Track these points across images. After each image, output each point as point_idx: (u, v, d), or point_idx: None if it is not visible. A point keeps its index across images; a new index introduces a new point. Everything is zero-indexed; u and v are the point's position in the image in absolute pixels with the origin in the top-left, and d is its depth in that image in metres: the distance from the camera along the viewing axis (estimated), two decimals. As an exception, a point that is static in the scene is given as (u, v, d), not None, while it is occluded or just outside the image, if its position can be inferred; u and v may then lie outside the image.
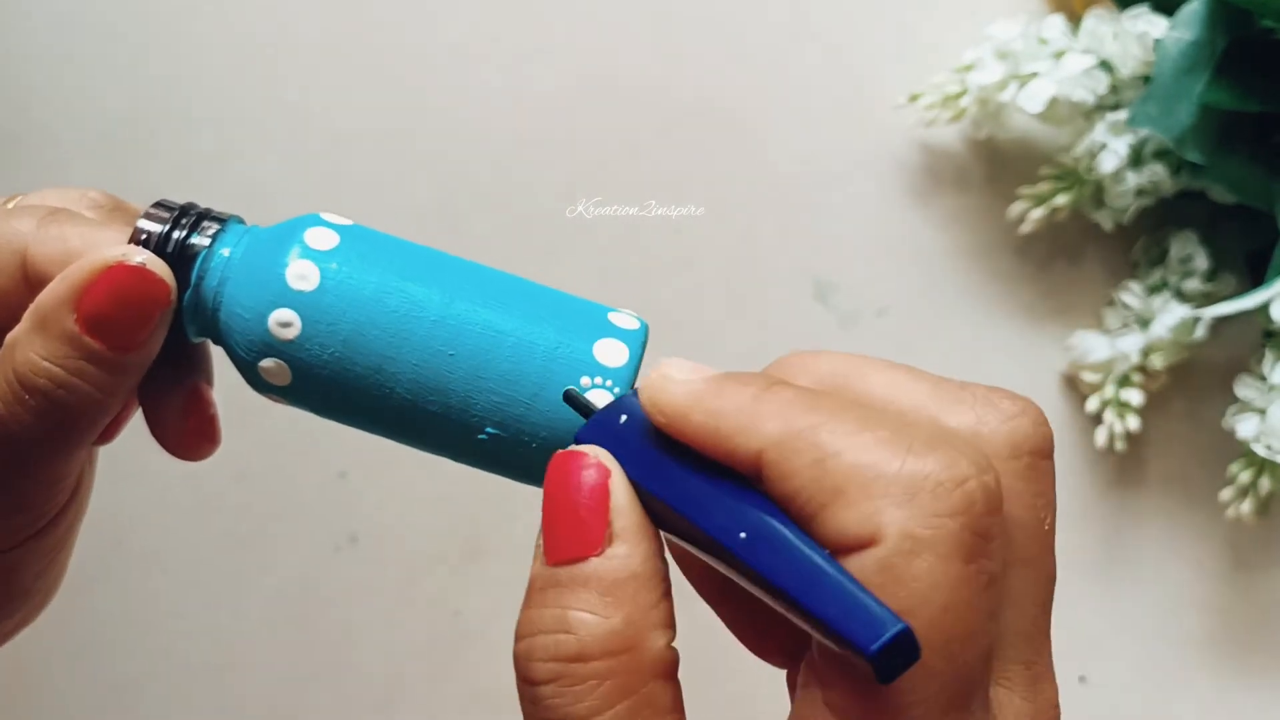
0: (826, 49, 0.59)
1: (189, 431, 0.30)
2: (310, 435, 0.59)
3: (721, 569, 0.23)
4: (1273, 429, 0.51)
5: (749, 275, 0.59)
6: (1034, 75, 0.53)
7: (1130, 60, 0.52)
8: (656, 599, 0.23)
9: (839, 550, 0.21)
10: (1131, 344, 0.55)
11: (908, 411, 0.22)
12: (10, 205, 0.29)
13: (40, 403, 0.26)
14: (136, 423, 0.61)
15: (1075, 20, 0.55)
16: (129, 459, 0.59)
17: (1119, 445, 0.55)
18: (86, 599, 0.59)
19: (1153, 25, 0.51)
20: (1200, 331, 0.54)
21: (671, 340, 0.59)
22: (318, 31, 0.60)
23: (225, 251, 0.27)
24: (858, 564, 0.20)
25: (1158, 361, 0.54)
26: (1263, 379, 0.52)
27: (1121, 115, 0.53)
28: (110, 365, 0.26)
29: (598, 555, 0.23)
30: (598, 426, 0.25)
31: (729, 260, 0.59)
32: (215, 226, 0.28)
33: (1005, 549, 0.22)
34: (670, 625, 0.23)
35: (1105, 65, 0.53)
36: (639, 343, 0.28)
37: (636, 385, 0.26)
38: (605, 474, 0.23)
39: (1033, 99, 0.53)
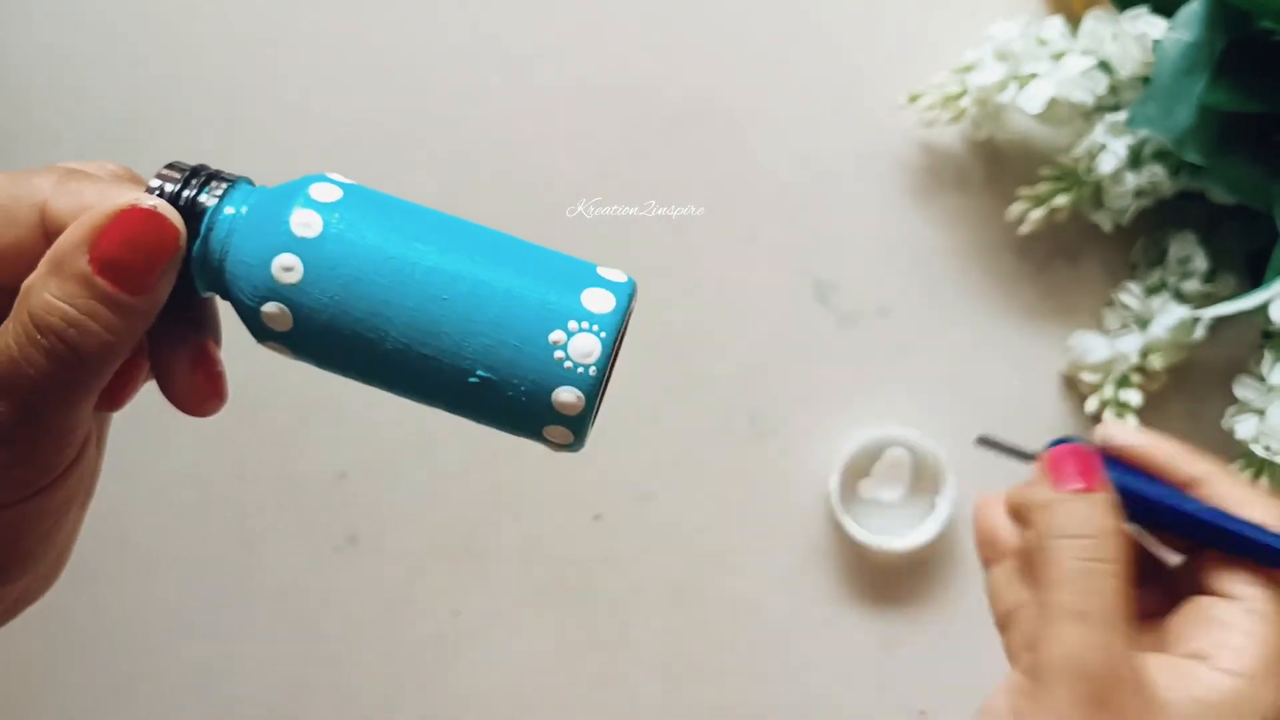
0: (826, 49, 0.59)
1: (197, 387, 0.31)
2: (310, 435, 0.59)
3: (1178, 535, 0.38)
4: (1271, 429, 0.51)
5: (749, 275, 0.59)
6: (1033, 76, 0.53)
7: (1129, 61, 0.52)
8: (1121, 522, 0.37)
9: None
10: (1130, 344, 0.55)
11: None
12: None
13: (52, 342, 0.27)
14: (136, 423, 0.61)
15: (1075, 21, 0.55)
16: (129, 459, 0.59)
17: (1118, 445, 0.55)
18: (87, 598, 0.59)
19: (1152, 26, 0.51)
20: (1199, 332, 0.54)
21: (672, 340, 0.59)
22: (317, 32, 0.60)
23: (231, 209, 0.29)
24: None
25: (1157, 362, 0.55)
26: (1261, 380, 0.52)
27: (1121, 116, 0.53)
28: (121, 308, 0.27)
29: (1097, 493, 0.36)
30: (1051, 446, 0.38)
31: (729, 260, 0.59)
32: (224, 185, 0.29)
33: None
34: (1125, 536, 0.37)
35: (1104, 66, 0.53)
36: (626, 294, 0.29)
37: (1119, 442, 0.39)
38: (1096, 454, 0.37)
39: (1032, 100, 0.53)
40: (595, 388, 0.28)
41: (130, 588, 0.59)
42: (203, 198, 0.29)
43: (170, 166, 0.29)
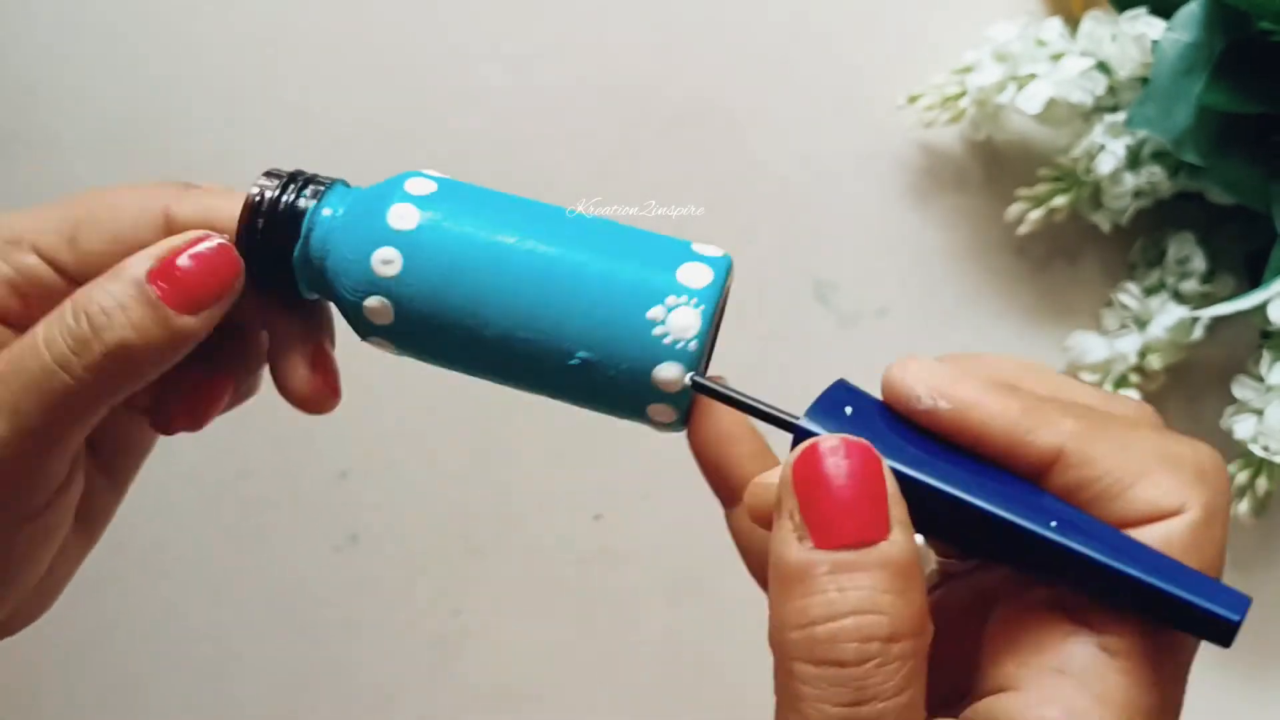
0: (826, 49, 0.59)
1: (315, 386, 0.32)
2: (310, 435, 0.59)
3: (985, 555, 0.24)
4: (1270, 429, 0.51)
5: (749, 275, 0.59)
6: (1032, 77, 0.54)
7: (1128, 62, 0.52)
8: (924, 583, 0.23)
9: (1142, 520, 0.23)
10: (1129, 345, 0.55)
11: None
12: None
13: (81, 328, 0.27)
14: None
15: (1073, 22, 0.55)
16: (129, 459, 0.59)
17: (1117, 445, 0.55)
18: (87, 599, 0.59)
19: (1150, 27, 0.52)
20: (1198, 332, 0.54)
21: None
22: (318, 32, 0.60)
23: (329, 210, 0.30)
24: (1164, 530, 0.23)
25: (1155, 362, 0.55)
26: (1260, 380, 0.52)
27: (1119, 117, 0.53)
28: (157, 315, 0.28)
29: (886, 540, 0.23)
30: (825, 418, 0.24)
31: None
32: (321, 188, 0.30)
33: None
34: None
35: (1103, 67, 0.53)
36: (724, 267, 0.30)
37: (884, 375, 0.25)
38: (879, 461, 0.23)
39: (1031, 100, 0.53)
40: (696, 362, 0.29)
41: (130, 587, 0.59)
42: (301, 201, 0.30)
43: (267, 174, 0.30)
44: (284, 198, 0.30)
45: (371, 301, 0.29)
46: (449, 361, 0.30)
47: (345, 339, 0.34)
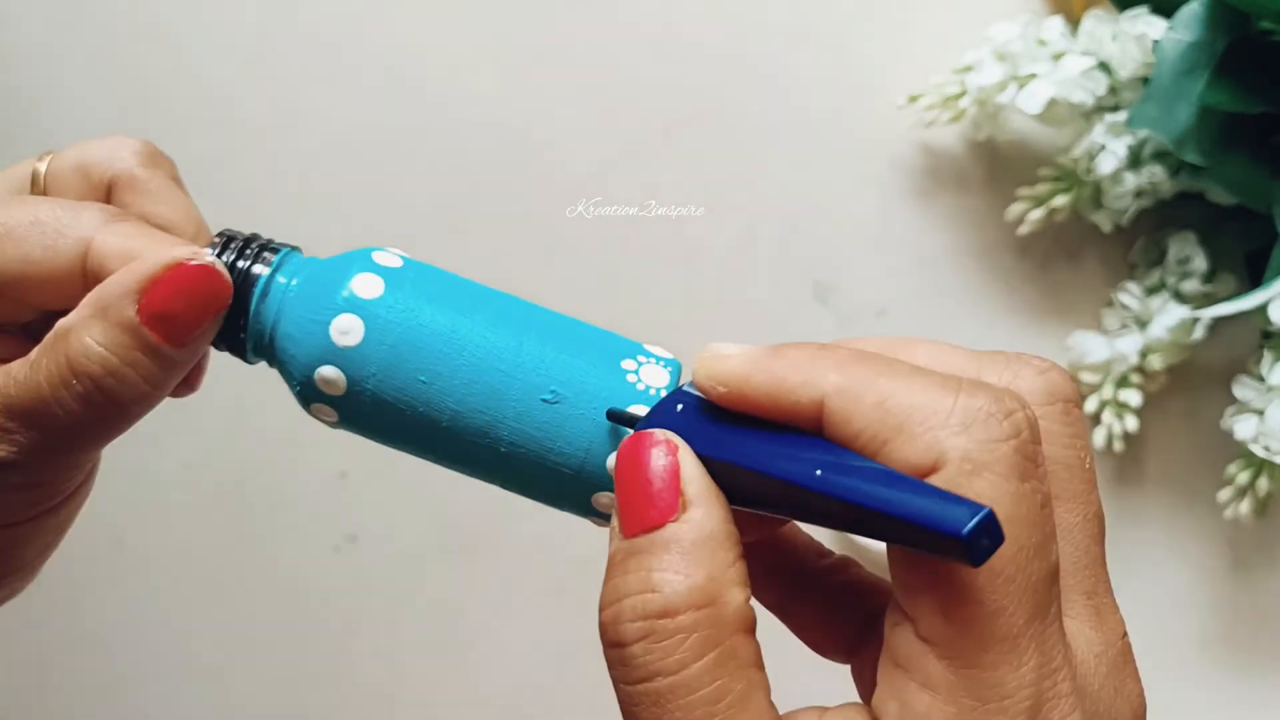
0: (826, 49, 0.59)
1: (188, 391, 0.32)
2: (310, 435, 0.59)
3: (795, 516, 0.25)
4: (1271, 430, 0.51)
5: (749, 275, 0.59)
6: (1033, 76, 0.53)
7: (1129, 62, 0.52)
8: (733, 558, 0.24)
9: None
10: (1130, 345, 0.55)
11: (953, 370, 0.24)
12: (43, 164, 0.31)
13: (88, 389, 0.27)
14: (135, 427, 0.61)
15: (1074, 22, 0.55)
16: (129, 459, 0.59)
17: (1117, 446, 0.55)
18: (87, 598, 0.59)
19: (1151, 27, 0.51)
20: (1199, 332, 0.54)
21: (672, 340, 0.59)
22: (318, 32, 0.60)
23: (284, 279, 0.29)
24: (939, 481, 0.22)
25: (1156, 362, 0.55)
26: (1261, 380, 0.52)
27: (1120, 117, 0.53)
28: (162, 359, 0.28)
29: (674, 521, 0.24)
30: (656, 416, 0.27)
31: (729, 260, 0.59)
32: (276, 255, 0.29)
33: (1049, 481, 0.24)
34: (746, 584, 0.24)
35: (1104, 67, 0.53)
36: (677, 366, 0.29)
37: (689, 378, 0.27)
38: (673, 448, 0.24)
39: (1032, 100, 0.53)
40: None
41: (130, 587, 0.59)
42: (256, 267, 0.29)
43: (221, 235, 0.29)
44: (239, 262, 0.29)
45: (325, 370, 0.28)
46: (394, 439, 0.29)
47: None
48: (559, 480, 0.28)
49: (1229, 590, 0.59)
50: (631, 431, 0.27)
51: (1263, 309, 0.51)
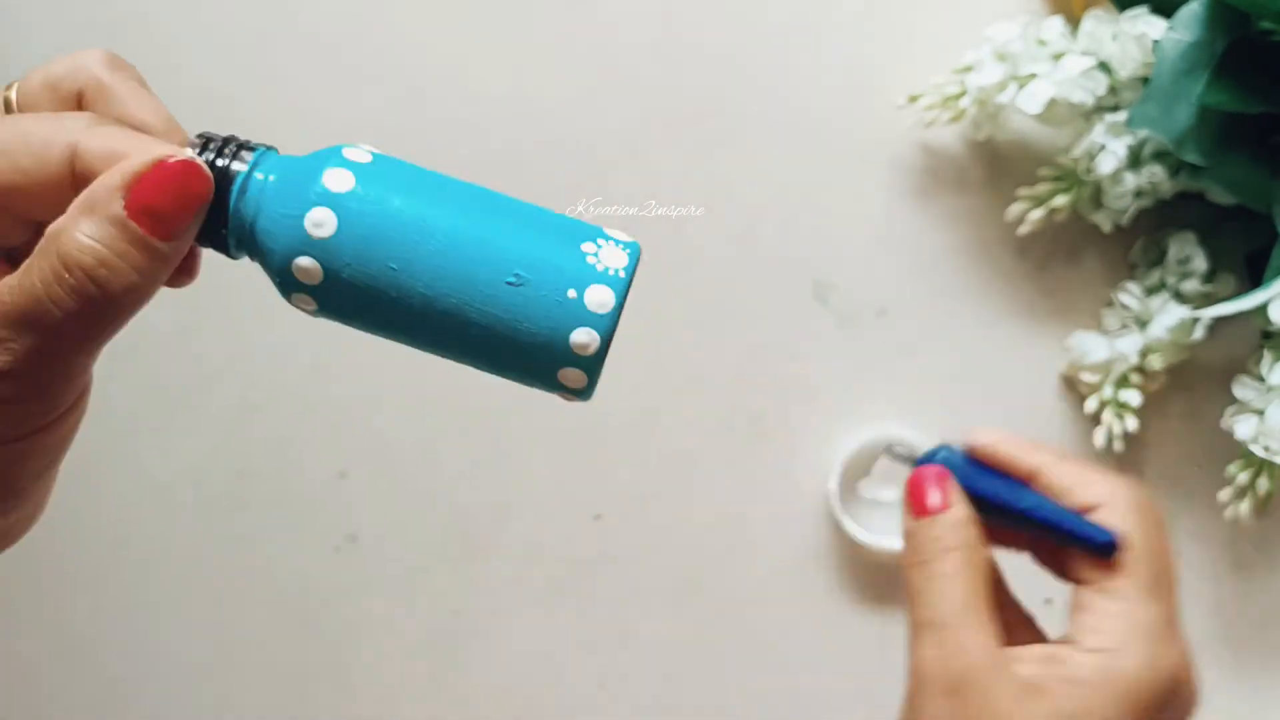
0: (826, 49, 0.59)
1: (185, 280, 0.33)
2: (310, 435, 0.59)
3: (1021, 527, 0.41)
4: (1271, 430, 0.51)
5: (749, 275, 0.59)
6: (1033, 76, 0.53)
7: (1129, 62, 0.52)
8: (977, 534, 0.40)
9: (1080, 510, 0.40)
10: (1130, 345, 0.55)
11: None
12: (11, 92, 0.32)
13: (80, 281, 0.28)
14: (135, 423, 0.61)
15: (1074, 22, 0.55)
16: (129, 459, 0.59)
17: (1117, 446, 0.55)
18: (87, 598, 0.59)
19: (1151, 27, 0.51)
20: (1198, 332, 0.54)
21: (672, 340, 0.59)
22: (318, 32, 0.60)
23: (261, 175, 0.30)
24: (1097, 516, 0.40)
25: (1156, 362, 0.55)
26: (1261, 380, 0.52)
27: (1120, 116, 0.53)
28: (150, 251, 0.29)
29: (947, 511, 0.40)
30: (930, 457, 0.42)
31: (729, 260, 0.59)
32: (253, 153, 0.31)
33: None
34: (986, 546, 0.41)
35: (1104, 67, 0.53)
36: (636, 249, 0.32)
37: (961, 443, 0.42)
38: (947, 473, 0.41)
39: (1032, 100, 0.53)
40: (623, 292, 0.30)
41: (130, 587, 0.59)
42: (235, 165, 0.30)
43: (200, 135, 0.31)
44: (218, 161, 0.30)
45: (302, 261, 0.30)
46: (369, 322, 0.31)
47: (344, 345, 0.34)
48: (527, 358, 0.30)
49: (1229, 590, 0.59)
50: (612, 298, 0.31)
51: (1262, 309, 0.51)
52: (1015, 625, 0.42)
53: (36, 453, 0.30)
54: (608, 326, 0.30)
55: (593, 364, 0.30)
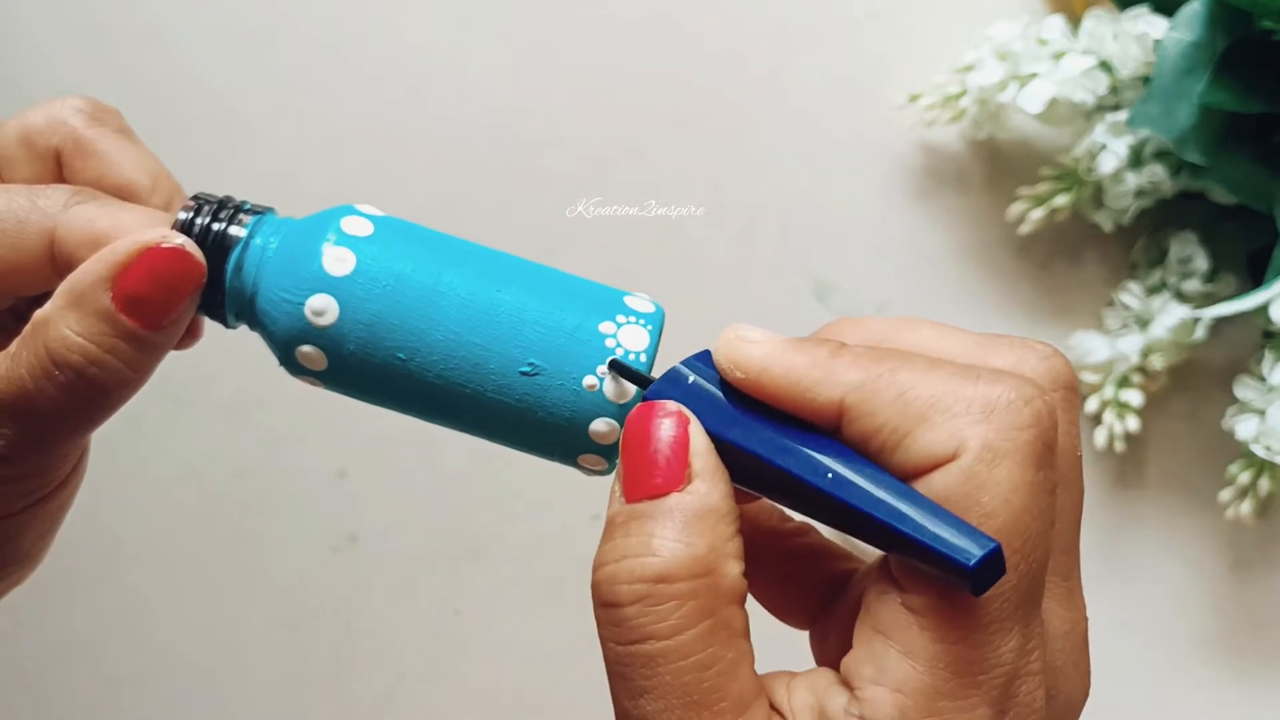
0: (827, 49, 0.59)
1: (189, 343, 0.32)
2: (310, 435, 0.59)
3: (796, 509, 0.25)
4: (1272, 430, 0.51)
5: (749, 275, 0.59)
6: (1034, 76, 0.53)
7: (1130, 61, 0.52)
8: (732, 533, 0.25)
9: (923, 469, 0.23)
10: (1131, 345, 0.55)
11: (959, 355, 0.25)
12: None
13: (70, 378, 0.27)
14: (135, 423, 0.61)
15: (1075, 21, 0.55)
16: (128, 459, 0.59)
17: (1119, 446, 0.55)
18: (86, 598, 0.59)
19: (1152, 26, 0.51)
20: (1200, 332, 0.54)
21: (672, 340, 0.59)
22: (318, 32, 0.60)
23: (260, 242, 0.28)
24: (942, 477, 0.23)
25: (1157, 362, 0.55)
26: (1262, 380, 0.52)
27: (1121, 116, 0.53)
28: (142, 343, 0.27)
29: (679, 491, 0.24)
30: (666, 385, 0.27)
31: (729, 260, 0.59)
32: (251, 218, 0.29)
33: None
34: (742, 558, 0.25)
35: (1105, 66, 0.53)
36: (658, 319, 0.30)
37: (710, 349, 0.27)
38: (685, 420, 0.25)
39: (1032, 99, 0.53)
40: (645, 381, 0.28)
41: (128, 587, 0.59)
42: (232, 230, 0.28)
43: (195, 198, 0.29)
44: (214, 225, 0.28)
45: (305, 349, 0.28)
46: (380, 402, 0.29)
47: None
48: (544, 444, 0.29)
49: (1230, 591, 0.59)
50: (633, 389, 0.28)
51: (1264, 309, 0.50)
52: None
53: (34, 523, 0.30)
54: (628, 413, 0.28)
55: (613, 451, 0.28)
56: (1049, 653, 0.24)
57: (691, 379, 0.26)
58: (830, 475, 0.24)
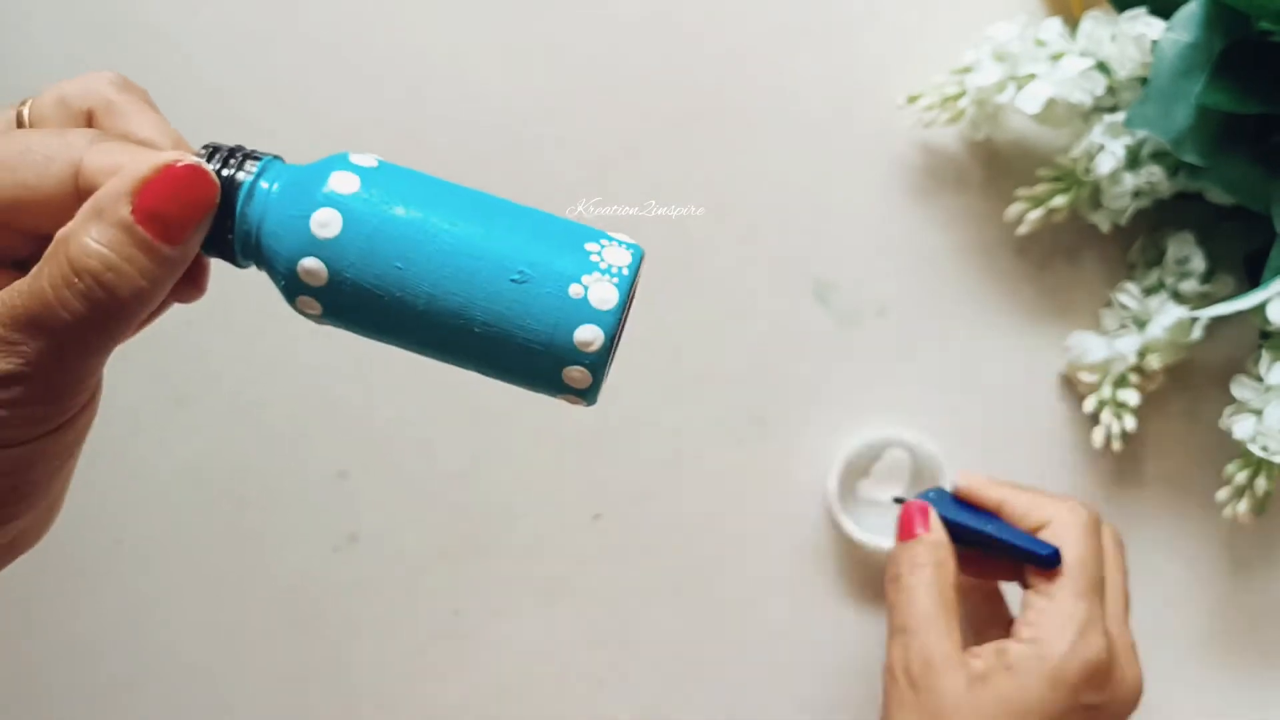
0: (826, 49, 0.59)
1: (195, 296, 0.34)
2: (310, 435, 0.59)
3: (986, 548, 0.51)
4: (1269, 429, 0.51)
5: (749, 275, 0.59)
6: (1032, 77, 0.54)
7: (1128, 62, 0.52)
8: (949, 553, 0.50)
9: (1035, 530, 0.51)
10: (1128, 345, 0.55)
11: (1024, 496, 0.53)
12: (25, 108, 0.33)
13: (89, 285, 0.28)
14: (135, 422, 0.61)
15: (1073, 22, 0.55)
16: (129, 458, 0.59)
17: (1116, 445, 0.55)
18: (86, 598, 0.59)
19: (1150, 27, 0.52)
20: (1197, 332, 0.54)
21: (672, 340, 0.59)
22: (318, 32, 0.60)
23: (266, 184, 0.31)
24: (1044, 531, 0.50)
25: (1155, 362, 0.55)
26: (1259, 380, 0.52)
27: (1119, 117, 0.53)
28: (157, 256, 0.29)
29: (924, 535, 0.50)
30: (919, 497, 0.52)
31: (729, 260, 0.59)
32: (258, 162, 0.31)
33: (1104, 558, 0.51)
34: (956, 562, 0.51)
35: (1103, 67, 0.53)
36: (639, 250, 0.32)
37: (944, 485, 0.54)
38: (927, 508, 0.51)
39: (1030, 100, 0.53)
40: (626, 289, 0.30)
41: (129, 587, 0.59)
42: (240, 174, 0.31)
43: (206, 146, 0.31)
44: (223, 170, 0.31)
45: (307, 262, 0.30)
46: (374, 326, 0.31)
47: (344, 344, 0.34)
48: (531, 356, 0.30)
49: (1227, 590, 0.59)
50: (615, 297, 0.30)
51: (1261, 309, 0.51)
52: (1002, 627, 0.51)
53: (49, 454, 0.31)
54: (612, 322, 0.30)
55: (597, 361, 0.30)
56: (1119, 645, 0.49)
57: (931, 494, 0.52)
58: (993, 526, 0.51)
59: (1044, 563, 0.48)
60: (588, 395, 0.31)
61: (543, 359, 0.30)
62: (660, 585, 0.59)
